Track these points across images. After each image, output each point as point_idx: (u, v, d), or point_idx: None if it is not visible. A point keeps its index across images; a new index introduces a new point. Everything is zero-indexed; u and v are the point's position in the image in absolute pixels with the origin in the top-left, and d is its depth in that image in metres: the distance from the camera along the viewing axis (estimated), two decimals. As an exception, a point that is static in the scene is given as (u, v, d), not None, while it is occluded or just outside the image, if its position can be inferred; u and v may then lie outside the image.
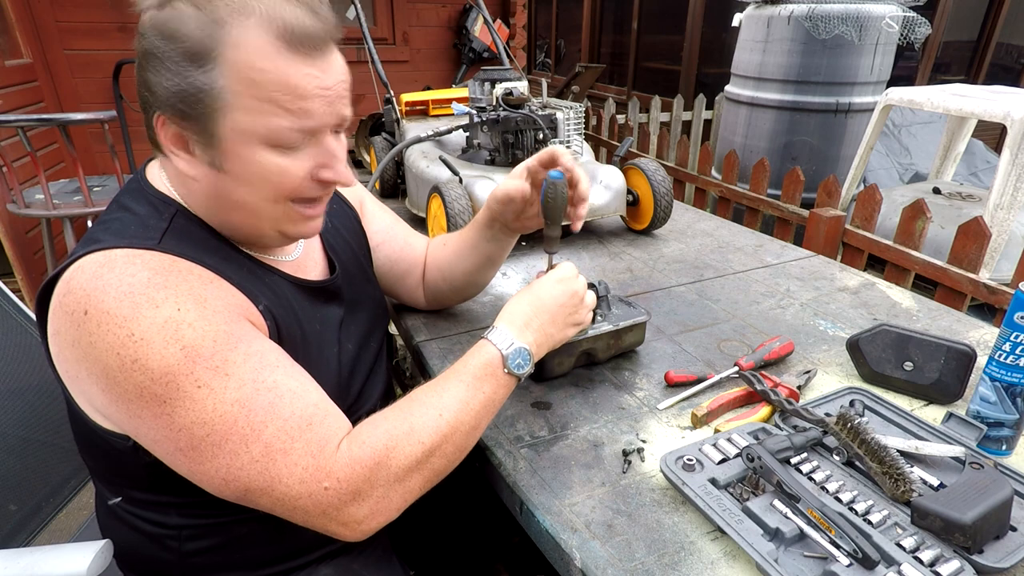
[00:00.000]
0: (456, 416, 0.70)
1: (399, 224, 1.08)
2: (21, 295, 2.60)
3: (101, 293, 0.59)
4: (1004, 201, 2.22)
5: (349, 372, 0.84)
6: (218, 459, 0.60)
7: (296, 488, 0.61)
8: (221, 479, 0.61)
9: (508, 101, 1.46)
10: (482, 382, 0.73)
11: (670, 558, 0.64)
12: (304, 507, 0.62)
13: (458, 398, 0.71)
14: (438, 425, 0.68)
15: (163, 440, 0.61)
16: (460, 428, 0.70)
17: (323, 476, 0.62)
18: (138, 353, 0.57)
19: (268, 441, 0.61)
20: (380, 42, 4.30)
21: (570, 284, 0.84)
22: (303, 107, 0.64)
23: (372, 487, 0.64)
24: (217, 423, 0.60)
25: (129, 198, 0.71)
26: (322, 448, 0.63)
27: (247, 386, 0.61)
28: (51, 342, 0.64)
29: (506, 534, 1.11)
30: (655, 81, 5.70)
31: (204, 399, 0.59)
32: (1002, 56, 5.06)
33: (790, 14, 3.04)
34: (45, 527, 1.00)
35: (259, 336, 0.66)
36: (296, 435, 0.62)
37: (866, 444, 0.71)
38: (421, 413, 0.69)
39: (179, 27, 0.60)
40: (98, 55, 3.45)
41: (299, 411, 0.63)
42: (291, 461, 0.61)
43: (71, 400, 0.68)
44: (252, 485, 0.61)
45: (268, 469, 0.61)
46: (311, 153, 0.68)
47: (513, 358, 0.75)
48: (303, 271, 0.83)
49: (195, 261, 0.65)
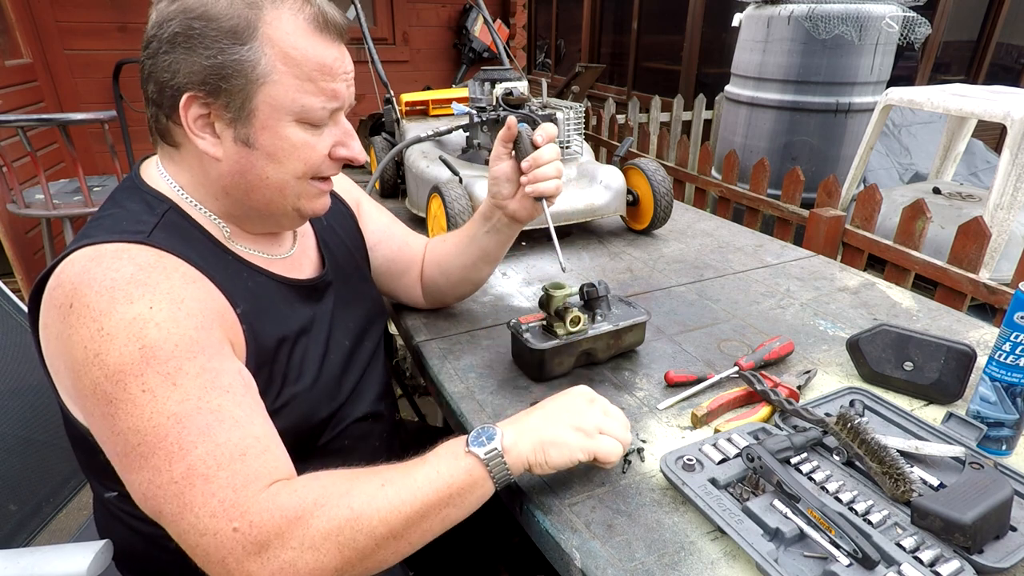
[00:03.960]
0: (398, 492, 0.60)
1: (396, 224, 1.09)
2: (21, 295, 2.60)
3: (86, 287, 0.59)
4: (1004, 201, 2.22)
5: (341, 370, 0.84)
6: (143, 472, 0.57)
7: (204, 522, 0.55)
8: (142, 493, 0.58)
9: (508, 101, 1.46)
10: (439, 460, 0.63)
11: (670, 558, 0.64)
12: (205, 546, 0.55)
13: (408, 474, 0.62)
14: (374, 495, 0.59)
15: (105, 441, 0.61)
16: (399, 506, 0.59)
17: (236, 514, 0.55)
18: (101, 348, 0.57)
19: (192, 463, 0.56)
20: (380, 42, 4.30)
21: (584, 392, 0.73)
22: (332, 88, 0.69)
23: (282, 544, 0.55)
24: (149, 433, 0.57)
25: (123, 195, 0.72)
26: (246, 484, 0.57)
27: (190, 402, 0.58)
28: (41, 336, 0.65)
29: (506, 534, 1.11)
30: (655, 81, 5.70)
31: (144, 405, 0.57)
32: (1002, 56, 5.06)
33: (790, 14, 3.04)
34: (45, 527, 1.00)
35: (222, 353, 0.63)
36: (224, 463, 0.57)
37: (866, 444, 0.71)
38: (365, 479, 0.61)
39: (213, 9, 0.64)
40: (98, 55, 3.44)
41: (236, 439, 0.58)
42: (209, 490, 0.56)
43: (59, 397, 0.68)
44: (165, 508, 0.57)
45: (184, 493, 0.56)
46: (331, 131, 0.73)
47: (474, 436, 0.65)
48: (296, 269, 0.83)
49: (182, 257, 0.66)
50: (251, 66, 0.65)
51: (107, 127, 2.42)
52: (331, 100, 0.70)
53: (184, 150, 0.72)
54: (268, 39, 0.65)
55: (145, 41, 0.67)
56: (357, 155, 0.76)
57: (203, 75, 0.65)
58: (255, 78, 0.65)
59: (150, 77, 0.67)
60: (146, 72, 0.67)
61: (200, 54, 0.64)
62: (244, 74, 0.65)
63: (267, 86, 0.66)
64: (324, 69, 0.68)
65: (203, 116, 0.67)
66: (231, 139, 0.68)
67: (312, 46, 0.67)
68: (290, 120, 0.69)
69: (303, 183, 0.73)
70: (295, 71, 0.67)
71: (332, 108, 0.71)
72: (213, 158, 0.69)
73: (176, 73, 0.65)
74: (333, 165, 0.76)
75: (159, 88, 0.67)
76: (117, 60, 3.34)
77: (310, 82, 0.68)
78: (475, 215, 1.01)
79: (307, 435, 0.78)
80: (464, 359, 1.01)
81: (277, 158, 0.70)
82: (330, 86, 0.69)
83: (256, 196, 0.73)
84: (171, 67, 0.65)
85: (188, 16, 0.63)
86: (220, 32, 0.64)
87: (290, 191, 0.73)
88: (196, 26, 0.63)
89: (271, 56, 0.65)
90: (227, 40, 0.64)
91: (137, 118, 3.49)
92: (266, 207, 0.74)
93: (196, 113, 0.67)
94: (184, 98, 0.65)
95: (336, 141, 0.74)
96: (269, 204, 0.74)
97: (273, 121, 0.68)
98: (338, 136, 0.74)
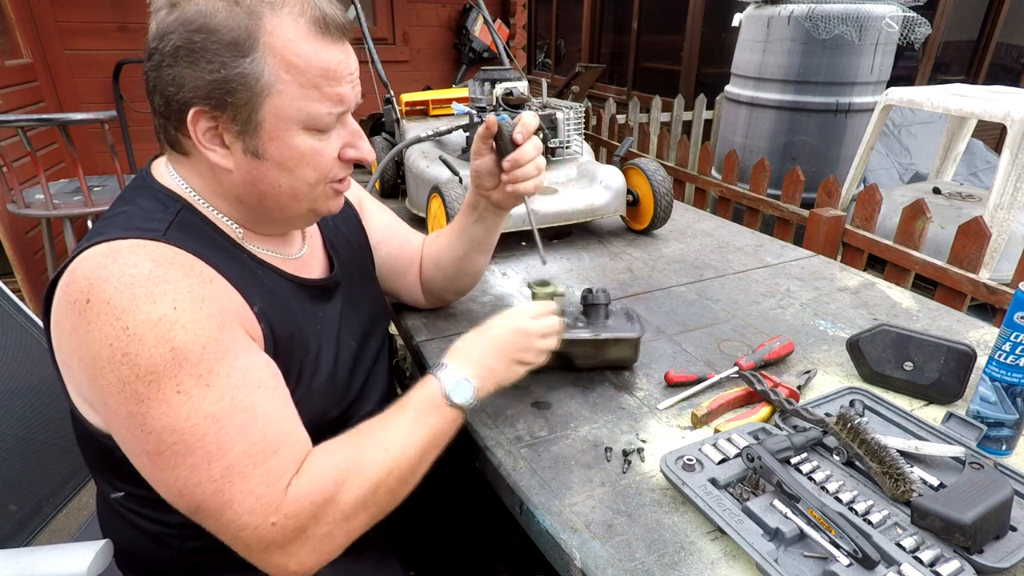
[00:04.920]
0: (401, 450, 0.70)
1: (397, 222, 1.09)
2: (21, 295, 2.60)
3: (103, 283, 0.59)
4: (1004, 201, 2.22)
5: (350, 371, 0.84)
6: (179, 470, 0.59)
7: (244, 518, 0.60)
8: (177, 490, 0.60)
9: (508, 101, 1.46)
10: (426, 415, 0.73)
11: (670, 558, 0.64)
12: (246, 539, 0.61)
13: (402, 432, 0.71)
14: (383, 459, 0.68)
15: (132, 439, 0.61)
16: (404, 462, 0.69)
17: (272, 510, 0.61)
18: (129, 347, 0.57)
19: (231, 462, 0.60)
20: (380, 42, 4.30)
21: (520, 323, 0.83)
22: (338, 92, 0.68)
23: (319, 523, 0.63)
24: (187, 433, 0.59)
25: (135, 193, 0.72)
26: (279, 479, 0.62)
27: (225, 402, 0.60)
28: (53, 333, 0.64)
29: (506, 534, 1.11)
30: (655, 81, 5.70)
31: (180, 406, 0.58)
32: (1002, 56, 5.06)
33: (790, 14, 3.04)
34: (45, 527, 1.00)
35: (248, 349, 0.65)
36: (259, 461, 0.61)
37: (866, 444, 0.71)
38: (369, 446, 0.69)
39: (212, 20, 0.62)
40: (98, 55, 3.44)
41: (270, 436, 0.62)
42: (247, 488, 0.60)
43: (69, 397, 0.68)
44: (205, 504, 0.60)
45: (223, 491, 0.60)
46: (339, 133, 0.73)
47: (453, 389, 0.75)
48: (306, 270, 0.83)
49: (197, 255, 0.65)
50: (255, 79, 0.64)
51: (107, 127, 2.41)
52: (337, 104, 0.69)
53: (194, 159, 0.71)
54: (270, 48, 0.64)
55: (147, 52, 0.66)
56: (366, 155, 0.76)
57: (207, 89, 0.64)
58: (259, 90, 0.64)
59: (155, 89, 0.66)
60: (151, 84, 0.67)
61: (203, 68, 0.63)
62: (248, 87, 0.64)
63: (272, 97, 0.65)
64: (328, 74, 0.67)
65: (211, 128, 0.66)
66: (241, 151, 0.68)
67: (315, 51, 0.66)
68: (297, 128, 0.68)
69: (317, 187, 0.73)
70: (299, 79, 0.66)
71: (339, 112, 0.70)
72: (225, 169, 0.69)
73: (181, 87, 0.64)
74: (344, 166, 0.75)
75: (165, 101, 0.66)
76: (117, 60, 3.34)
77: (315, 89, 0.67)
78: (462, 206, 1.02)
79: (315, 435, 0.78)
80: (464, 359, 1.01)
81: (288, 167, 0.69)
82: (335, 90, 0.68)
83: (270, 203, 0.72)
84: (175, 81, 0.64)
85: (188, 29, 0.62)
86: (221, 45, 0.62)
87: (304, 196, 0.73)
88: (197, 39, 0.62)
89: (274, 66, 0.64)
90: (229, 53, 0.63)
91: (137, 118, 3.49)
92: (280, 212, 0.74)
93: (205, 127, 0.66)
94: (191, 112, 0.65)
95: (344, 143, 0.74)
96: (284, 210, 0.74)
97: (280, 131, 0.67)
98: (346, 137, 0.74)
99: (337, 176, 0.75)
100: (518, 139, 0.88)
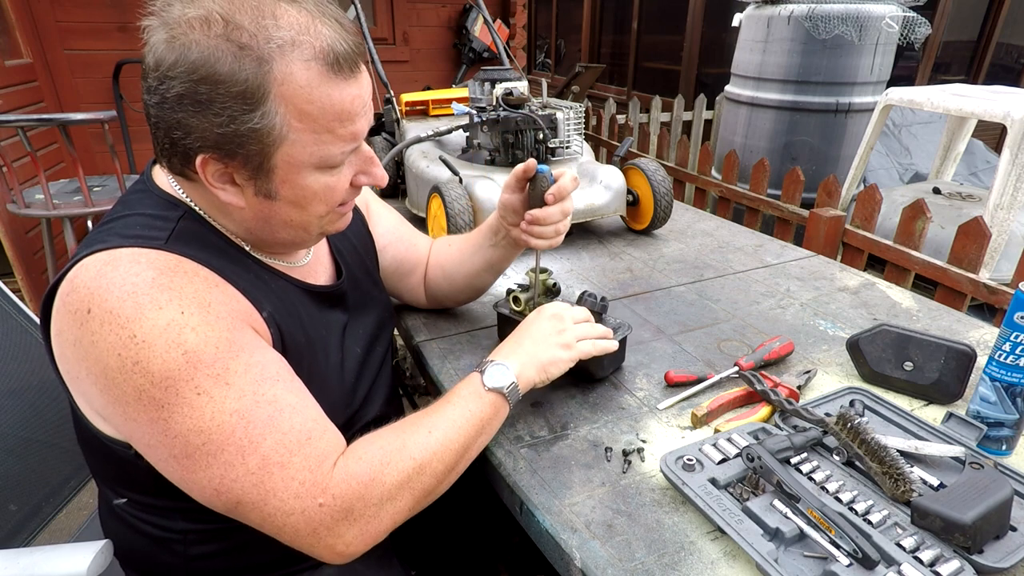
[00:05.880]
0: (444, 433, 0.70)
1: (404, 224, 1.09)
2: (21, 295, 2.60)
3: (104, 292, 0.58)
4: (1004, 201, 2.22)
5: (355, 376, 0.84)
6: (212, 469, 0.59)
7: (290, 503, 0.60)
8: (213, 489, 0.60)
9: (508, 101, 1.46)
10: (467, 401, 0.74)
11: (670, 558, 0.64)
12: (294, 524, 0.61)
13: (446, 417, 0.72)
14: (427, 442, 0.69)
15: (157, 445, 0.60)
16: (448, 446, 0.70)
17: (319, 492, 0.61)
18: (139, 355, 0.57)
19: (266, 454, 0.60)
20: (380, 42, 4.30)
21: (554, 309, 0.86)
22: (352, 130, 0.66)
23: (365, 505, 0.63)
24: (214, 432, 0.59)
25: (135, 198, 0.71)
26: (320, 463, 0.62)
27: (247, 397, 0.60)
28: (54, 343, 0.64)
29: (506, 534, 1.11)
30: (655, 81, 5.70)
31: (203, 407, 0.58)
32: (1002, 56, 5.06)
33: (790, 14, 3.04)
34: (45, 527, 1.00)
35: (261, 346, 0.65)
36: (295, 449, 0.61)
37: (866, 444, 0.71)
38: (412, 431, 0.70)
39: (218, 69, 0.58)
40: (98, 55, 3.44)
41: (298, 425, 0.63)
42: (288, 475, 0.61)
43: (74, 404, 0.67)
44: (245, 498, 0.60)
45: (263, 482, 0.60)
46: (351, 161, 0.71)
47: (489, 374, 0.76)
48: (312, 276, 0.83)
49: (201, 263, 0.65)
50: (266, 132, 0.61)
51: (107, 127, 2.41)
52: (350, 143, 0.67)
53: (202, 188, 0.68)
54: (281, 99, 0.61)
55: (145, 85, 0.62)
56: (379, 181, 0.74)
57: (216, 140, 0.61)
58: (271, 141, 0.62)
59: (158, 126, 0.63)
60: (152, 118, 0.63)
61: (211, 120, 0.60)
62: (259, 139, 0.62)
63: (285, 146, 0.63)
64: (343, 116, 0.64)
65: (221, 170, 0.65)
66: (252, 192, 0.67)
67: (327, 95, 0.62)
68: (311, 170, 0.67)
69: (327, 216, 0.73)
70: (312, 126, 0.63)
71: (351, 149, 0.68)
72: (236, 207, 0.68)
73: (188, 134, 0.61)
74: (354, 192, 0.75)
75: (171, 142, 0.63)
76: (117, 60, 3.34)
77: (328, 132, 0.64)
78: (483, 225, 1.01)
79: None
80: (464, 359, 1.01)
81: (300, 205, 0.69)
82: (349, 130, 0.66)
83: (281, 234, 0.72)
84: (181, 126, 0.61)
85: (192, 77, 0.58)
86: (229, 97, 0.59)
87: (314, 226, 0.73)
88: (203, 90, 0.58)
89: (285, 115, 0.61)
90: (238, 106, 0.59)
91: (137, 118, 3.49)
92: (290, 239, 0.74)
93: (214, 169, 0.64)
94: (199, 159, 0.63)
95: (357, 170, 0.73)
96: (294, 237, 0.74)
97: (293, 175, 0.66)
98: (358, 165, 0.72)
99: (347, 200, 0.74)
100: (549, 199, 0.88)
